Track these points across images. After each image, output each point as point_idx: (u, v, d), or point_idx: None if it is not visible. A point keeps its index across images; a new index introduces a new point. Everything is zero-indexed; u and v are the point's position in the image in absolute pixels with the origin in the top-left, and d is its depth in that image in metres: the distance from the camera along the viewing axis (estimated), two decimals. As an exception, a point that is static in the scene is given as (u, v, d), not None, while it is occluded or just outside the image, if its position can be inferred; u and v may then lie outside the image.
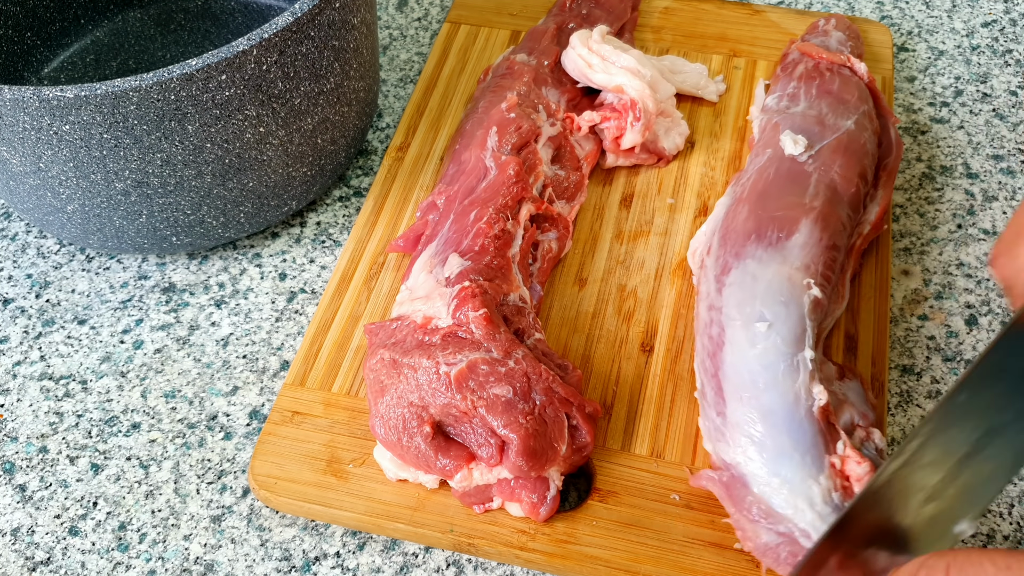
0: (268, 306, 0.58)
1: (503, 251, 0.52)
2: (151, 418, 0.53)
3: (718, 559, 0.45)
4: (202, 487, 0.51)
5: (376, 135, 0.67)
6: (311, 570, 0.48)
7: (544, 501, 0.46)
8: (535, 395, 0.46)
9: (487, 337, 0.47)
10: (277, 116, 0.52)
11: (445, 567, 0.48)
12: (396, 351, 0.48)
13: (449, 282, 0.50)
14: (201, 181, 0.52)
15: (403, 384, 0.47)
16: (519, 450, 0.45)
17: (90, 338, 0.57)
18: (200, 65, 0.47)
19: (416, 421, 0.46)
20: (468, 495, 0.47)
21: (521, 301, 0.51)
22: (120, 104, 0.46)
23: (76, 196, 0.52)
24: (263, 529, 0.49)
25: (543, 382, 0.46)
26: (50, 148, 0.48)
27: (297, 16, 0.49)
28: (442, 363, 0.46)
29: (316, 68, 0.52)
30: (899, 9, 0.74)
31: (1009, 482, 0.42)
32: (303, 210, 0.62)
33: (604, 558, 0.46)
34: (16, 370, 0.56)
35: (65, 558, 0.49)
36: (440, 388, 0.46)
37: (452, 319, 0.48)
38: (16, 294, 0.59)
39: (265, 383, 0.54)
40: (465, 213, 0.53)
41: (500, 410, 0.45)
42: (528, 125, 0.57)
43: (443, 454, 0.46)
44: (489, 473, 0.46)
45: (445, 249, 0.52)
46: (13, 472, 0.52)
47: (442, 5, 0.75)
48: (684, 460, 0.49)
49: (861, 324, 0.53)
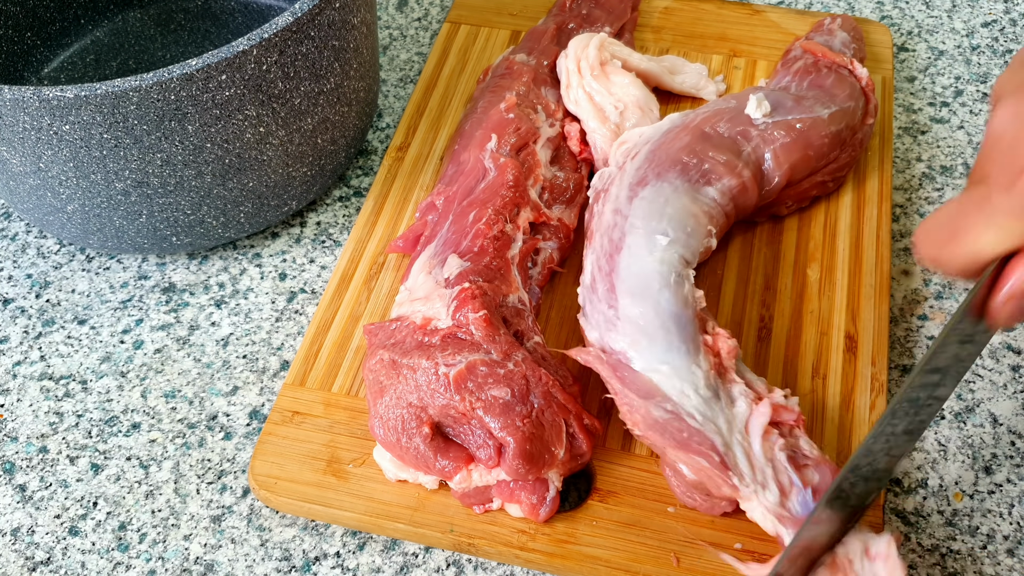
0: (268, 306, 0.58)
1: (502, 252, 0.52)
2: (151, 418, 0.53)
3: (718, 559, 0.45)
4: (202, 487, 0.51)
5: (376, 135, 0.67)
6: (311, 570, 0.48)
7: (544, 502, 0.46)
8: (533, 398, 0.46)
9: (487, 339, 0.47)
10: (277, 116, 0.52)
11: (445, 567, 0.48)
12: (395, 352, 0.48)
13: (448, 283, 0.50)
14: (201, 181, 0.52)
15: (402, 385, 0.47)
16: (515, 453, 0.45)
17: (90, 338, 0.57)
18: (200, 65, 0.47)
19: (415, 422, 0.46)
20: (468, 496, 0.47)
21: (520, 303, 0.51)
22: (120, 104, 0.46)
23: (76, 196, 0.52)
24: (263, 529, 0.49)
25: (542, 386, 0.46)
26: (50, 148, 0.48)
27: (297, 16, 0.49)
28: (441, 364, 0.46)
29: (316, 68, 0.52)
30: (899, 9, 0.74)
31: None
32: (303, 210, 0.62)
33: (604, 558, 0.46)
34: (16, 370, 0.56)
35: (65, 558, 0.49)
36: (439, 389, 0.46)
37: (452, 320, 0.48)
38: (16, 294, 0.59)
39: (265, 383, 0.54)
40: (464, 214, 0.53)
41: (498, 412, 0.45)
42: (527, 126, 0.57)
43: (442, 455, 0.46)
44: (488, 475, 0.46)
45: (444, 250, 0.52)
46: (13, 472, 0.52)
47: (442, 5, 0.75)
48: (684, 460, 0.49)
49: (861, 324, 0.53)
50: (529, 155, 0.56)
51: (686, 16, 0.70)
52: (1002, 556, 0.47)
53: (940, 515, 0.49)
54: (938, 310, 0.56)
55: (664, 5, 0.71)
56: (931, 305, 0.57)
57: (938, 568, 0.47)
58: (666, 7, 0.71)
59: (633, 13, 0.69)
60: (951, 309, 0.56)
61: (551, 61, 0.63)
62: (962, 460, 0.51)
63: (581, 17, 0.68)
